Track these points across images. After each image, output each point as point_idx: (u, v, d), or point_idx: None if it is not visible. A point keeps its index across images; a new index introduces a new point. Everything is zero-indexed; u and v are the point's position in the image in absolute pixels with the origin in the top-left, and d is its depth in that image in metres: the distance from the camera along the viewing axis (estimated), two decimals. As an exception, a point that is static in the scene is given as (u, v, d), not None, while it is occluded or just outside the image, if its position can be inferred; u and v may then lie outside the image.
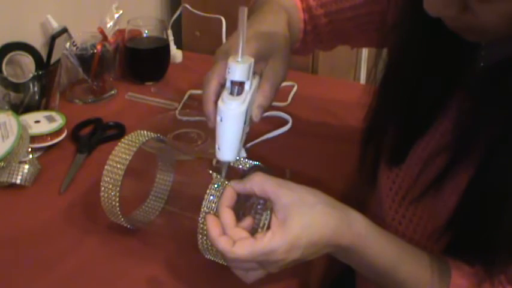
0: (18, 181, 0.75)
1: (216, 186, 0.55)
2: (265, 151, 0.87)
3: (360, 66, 1.83)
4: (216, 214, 0.54)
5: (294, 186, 0.53)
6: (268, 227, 0.52)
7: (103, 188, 0.62)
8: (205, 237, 0.55)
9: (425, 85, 0.59)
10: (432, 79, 0.59)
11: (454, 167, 0.55)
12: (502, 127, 0.50)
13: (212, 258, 0.57)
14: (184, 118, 0.95)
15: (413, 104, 0.61)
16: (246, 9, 0.51)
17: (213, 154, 0.57)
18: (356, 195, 0.80)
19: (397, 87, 0.63)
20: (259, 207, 0.59)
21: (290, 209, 0.51)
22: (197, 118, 0.94)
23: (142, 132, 0.65)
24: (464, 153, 0.54)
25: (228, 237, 0.51)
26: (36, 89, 0.91)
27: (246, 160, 0.59)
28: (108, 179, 0.61)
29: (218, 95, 0.57)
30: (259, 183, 0.53)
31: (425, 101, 0.60)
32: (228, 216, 0.52)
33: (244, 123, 0.55)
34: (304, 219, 0.50)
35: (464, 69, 0.57)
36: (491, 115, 0.51)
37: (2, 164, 0.75)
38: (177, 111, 0.97)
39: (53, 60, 0.98)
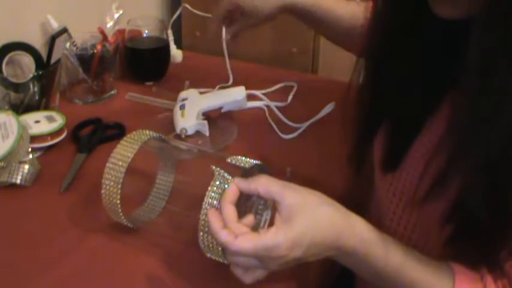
0: (18, 181, 0.75)
1: (217, 183, 0.55)
2: (265, 151, 0.87)
3: (359, 67, 1.82)
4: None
5: (298, 188, 0.53)
6: (269, 226, 0.51)
7: (104, 185, 0.62)
8: (206, 234, 0.54)
9: (409, 86, 0.59)
10: (416, 79, 0.59)
11: (453, 166, 0.54)
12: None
13: (213, 257, 0.57)
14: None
15: (401, 107, 0.61)
16: None
17: (213, 154, 0.57)
18: (354, 198, 0.80)
19: (381, 92, 0.64)
20: (260, 207, 0.59)
21: (295, 209, 0.51)
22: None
23: (144, 131, 0.65)
24: (461, 151, 0.52)
25: (230, 231, 0.50)
26: (36, 89, 0.91)
27: (248, 159, 0.59)
28: (110, 176, 0.61)
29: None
30: (265, 184, 0.53)
31: (413, 103, 0.60)
32: (230, 211, 0.52)
33: None
34: (309, 218, 0.51)
35: (453, 65, 0.55)
36: (483, 109, 0.48)
37: (2, 164, 0.74)
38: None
39: (53, 60, 0.98)
